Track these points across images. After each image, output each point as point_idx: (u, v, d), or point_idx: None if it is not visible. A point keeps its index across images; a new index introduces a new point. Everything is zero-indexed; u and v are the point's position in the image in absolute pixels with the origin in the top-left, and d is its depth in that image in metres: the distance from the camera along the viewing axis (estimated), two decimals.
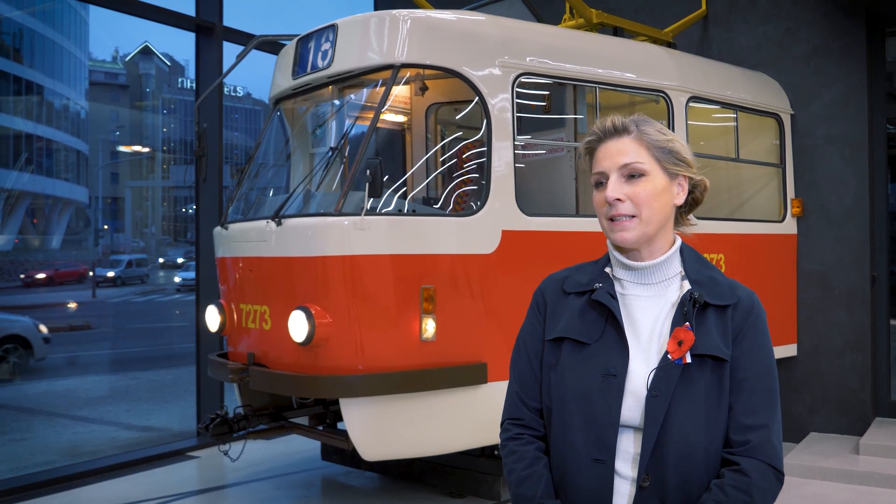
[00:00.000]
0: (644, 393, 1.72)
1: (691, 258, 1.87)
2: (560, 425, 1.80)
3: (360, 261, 4.52)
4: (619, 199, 1.78)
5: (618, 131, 1.82)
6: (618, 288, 1.85)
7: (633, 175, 1.78)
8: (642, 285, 1.84)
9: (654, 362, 1.74)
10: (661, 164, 1.80)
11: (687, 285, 1.81)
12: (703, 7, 7.45)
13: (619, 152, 1.80)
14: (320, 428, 5.54)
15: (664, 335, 1.77)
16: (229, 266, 5.37)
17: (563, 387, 1.80)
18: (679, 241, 1.89)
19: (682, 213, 1.92)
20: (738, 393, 1.74)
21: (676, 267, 1.85)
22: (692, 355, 1.71)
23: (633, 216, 1.78)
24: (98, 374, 13.37)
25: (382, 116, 5.31)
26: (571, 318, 1.85)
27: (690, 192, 1.89)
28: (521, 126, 5.16)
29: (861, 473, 5.81)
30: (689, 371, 1.71)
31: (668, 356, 1.71)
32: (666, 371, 1.71)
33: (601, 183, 1.82)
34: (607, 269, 1.89)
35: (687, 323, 1.73)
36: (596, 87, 5.45)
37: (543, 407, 1.88)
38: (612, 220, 1.80)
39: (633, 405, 1.73)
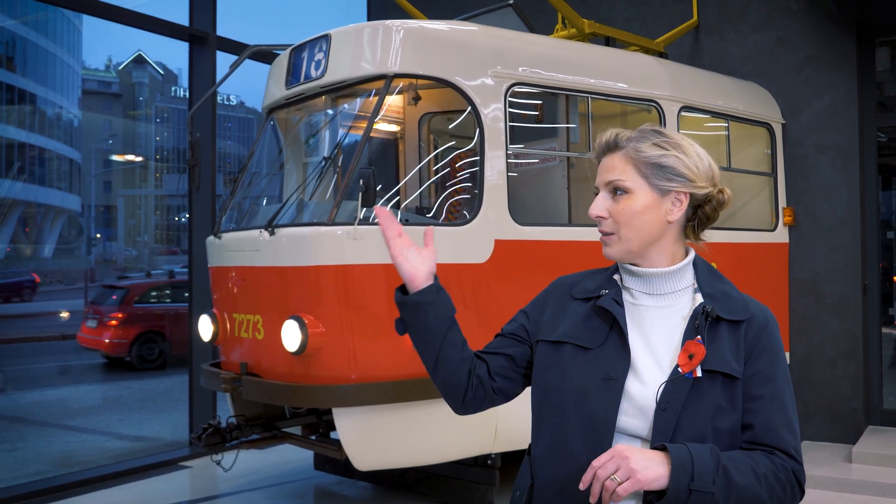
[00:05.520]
0: (652, 405, 1.70)
1: (704, 271, 1.85)
2: (558, 429, 1.79)
3: (354, 270, 4.52)
4: (601, 217, 1.80)
5: (610, 147, 1.82)
6: (627, 297, 1.84)
7: (616, 191, 1.79)
8: (652, 296, 1.82)
9: (664, 375, 1.72)
10: (648, 180, 1.78)
11: (699, 298, 1.79)
12: (695, 17, 7.50)
13: (608, 168, 1.81)
14: (313, 437, 5.54)
15: (675, 348, 1.75)
16: (222, 275, 5.37)
17: (563, 390, 1.79)
18: (692, 254, 1.87)
19: (692, 227, 1.87)
20: (755, 412, 1.71)
21: (688, 279, 1.83)
22: (703, 370, 1.69)
23: (613, 233, 1.80)
24: (90, 384, 13.31)
25: (375, 126, 5.31)
26: (575, 322, 1.84)
27: (700, 207, 1.84)
28: (514, 135, 5.18)
29: (854, 482, 5.83)
30: (700, 385, 1.69)
31: (679, 369, 1.69)
32: (676, 384, 1.68)
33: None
34: (615, 277, 1.89)
35: (699, 336, 1.71)
36: (588, 97, 5.47)
37: (532, 406, 1.89)
38: (601, 233, 1.83)
39: (640, 416, 1.71)
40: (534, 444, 1.88)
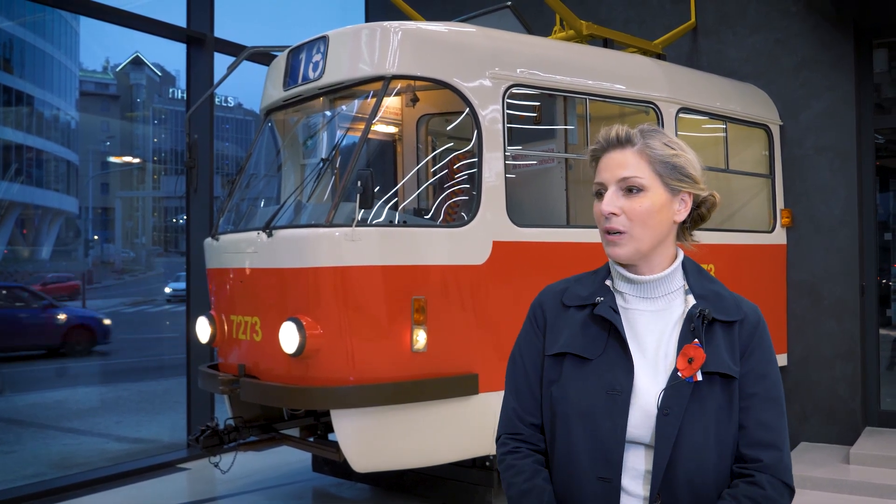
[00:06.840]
0: (654, 410, 1.69)
1: (694, 272, 1.84)
2: (564, 443, 1.77)
3: (351, 272, 4.51)
4: (613, 213, 1.75)
5: (621, 142, 1.78)
6: (620, 301, 1.81)
7: (631, 189, 1.75)
8: (645, 299, 1.80)
9: (662, 379, 1.71)
10: (663, 179, 1.76)
11: (691, 300, 1.78)
12: (693, 19, 7.50)
13: (620, 164, 1.76)
14: (311, 439, 5.53)
15: (671, 351, 1.73)
16: (220, 277, 5.36)
17: (567, 404, 1.76)
18: (681, 255, 1.85)
19: (685, 228, 1.87)
20: (748, 409, 1.72)
21: (679, 281, 1.82)
22: (702, 373, 1.69)
23: (625, 232, 1.75)
24: (88, 386, 13.30)
25: (373, 127, 5.32)
26: (573, 332, 1.80)
27: (696, 209, 1.85)
28: (512, 137, 5.18)
29: (852, 483, 5.82)
30: (700, 388, 1.68)
31: (679, 374, 1.68)
32: (677, 389, 1.68)
33: (601, 193, 1.79)
34: (608, 282, 1.85)
35: (696, 340, 1.70)
36: (586, 99, 5.47)
37: (544, 423, 1.84)
38: (607, 232, 1.77)
39: (641, 422, 1.70)
40: (549, 459, 1.85)
